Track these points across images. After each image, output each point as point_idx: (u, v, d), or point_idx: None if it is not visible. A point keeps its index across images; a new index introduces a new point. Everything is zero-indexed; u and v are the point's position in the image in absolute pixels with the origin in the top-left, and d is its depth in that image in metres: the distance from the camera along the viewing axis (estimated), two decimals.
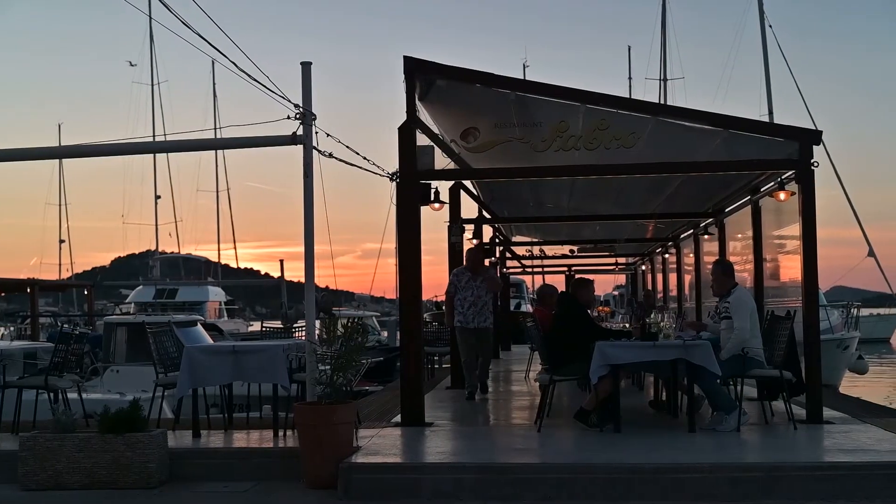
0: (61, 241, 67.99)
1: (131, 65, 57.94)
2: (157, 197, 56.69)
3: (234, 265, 68.21)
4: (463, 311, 12.29)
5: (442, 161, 10.99)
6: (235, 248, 62.52)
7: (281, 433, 8.93)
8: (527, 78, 22.45)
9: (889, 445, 7.95)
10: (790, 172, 10.15)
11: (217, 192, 61.49)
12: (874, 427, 8.96)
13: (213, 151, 57.44)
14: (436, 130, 10.85)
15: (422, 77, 9.92)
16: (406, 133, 9.64)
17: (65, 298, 62.04)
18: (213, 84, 61.77)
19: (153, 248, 58.32)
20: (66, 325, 19.41)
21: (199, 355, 9.08)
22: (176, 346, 9.79)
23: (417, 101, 9.90)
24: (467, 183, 14.82)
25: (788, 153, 9.81)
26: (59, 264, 66.56)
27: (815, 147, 9.60)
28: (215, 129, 51.08)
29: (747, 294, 10.06)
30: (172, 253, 59.48)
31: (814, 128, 10.52)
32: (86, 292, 39.37)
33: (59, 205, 68.45)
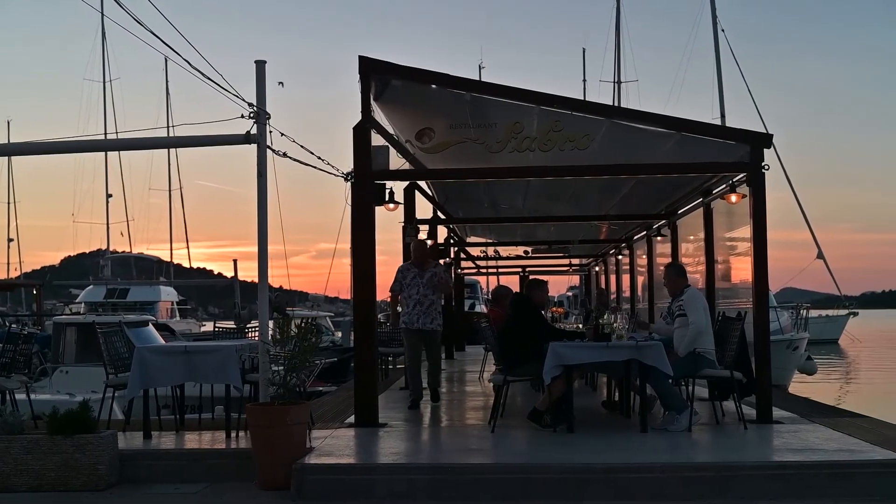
0: (10, 240, 67.15)
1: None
2: (109, 195, 56.11)
3: (186, 265, 67.65)
4: (407, 310, 11.39)
5: (397, 161, 10.98)
6: (188, 247, 62.03)
7: (233, 434, 8.87)
8: (482, 79, 22.50)
9: (836, 445, 8.06)
10: (741, 175, 10.27)
11: (170, 190, 61.00)
12: (822, 427, 9.09)
13: (166, 150, 56.99)
14: (391, 131, 10.84)
15: (377, 77, 9.90)
16: (361, 133, 9.62)
17: (13, 298, 61.08)
18: (166, 82, 61.24)
19: (104, 247, 57.71)
20: (14, 325, 19.15)
21: (151, 356, 9.00)
22: (127, 347, 9.69)
23: (373, 102, 9.88)
24: (422, 183, 14.83)
25: (740, 156, 9.93)
26: (8, 263, 65.78)
27: (765, 150, 9.72)
28: (168, 127, 50.44)
29: (699, 293, 10.20)
30: (124, 252, 58.87)
31: (765, 131, 10.64)
32: (34, 292, 38.86)
33: (9, 203, 67.59)
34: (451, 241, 22.11)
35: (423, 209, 16.85)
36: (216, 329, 12.40)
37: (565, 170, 10.52)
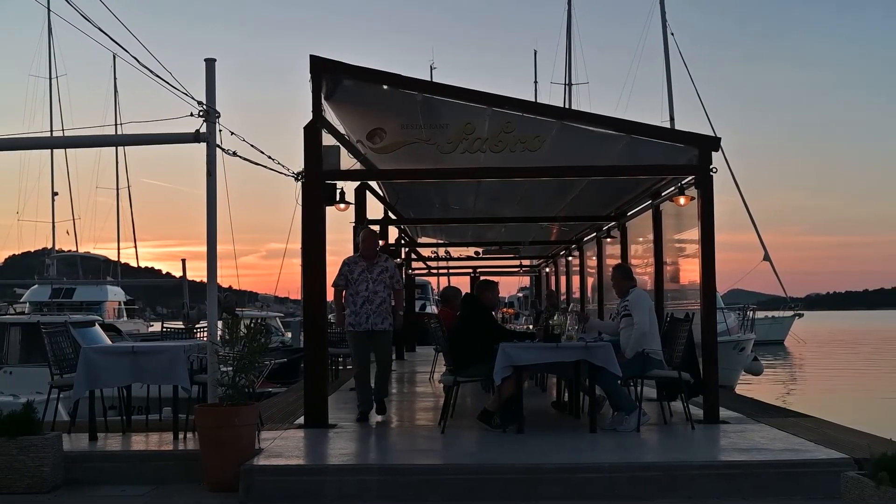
0: None
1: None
2: (55, 194, 55.29)
3: (134, 264, 66.96)
4: (355, 308, 10.17)
5: (348, 161, 10.94)
6: (136, 246, 61.34)
7: (181, 436, 8.78)
8: (434, 80, 22.51)
9: (782, 445, 8.17)
10: (690, 178, 10.36)
11: (117, 189, 60.27)
12: (768, 427, 9.20)
13: (114, 148, 56.31)
14: (342, 130, 10.80)
15: (328, 77, 9.86)
16: (312, 133, 9.57)
17: None
18: (115, 79, 60.44)
19: (49, 245, 56.83)
20: None
21: (97, 356, 8.88)
22: (72, 347, 9.55)
23: (324, 101, 9.84)
24: (373, 184, 14.80)
25: (688, 159, 10.02)
26: None
27: (713, 153, 9.82)
28: (116, 124, 49.82)
29: (645, 293, 10.26)
30: (70, 251, 58.09)
31: (713, 134, 10.75)
32: None
33: None
34: (402, 241, 22.09)
35: (374, 209, 16.83)
36: (164, 329, 12.22)
37: (516, 171, 10.56)
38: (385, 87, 10.17)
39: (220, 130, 8.65)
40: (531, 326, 15.24)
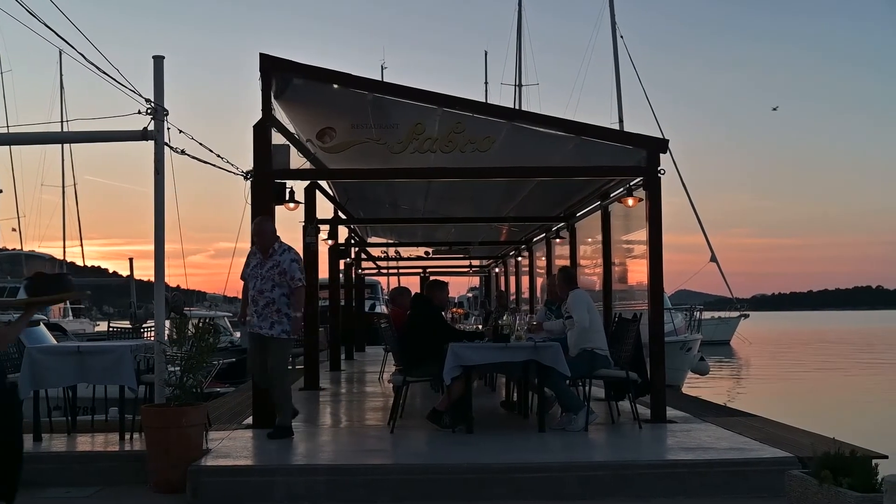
0: None
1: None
2: None
3: (80, 263, 66.14)
4: (249, 308, 9.04)
5: (298, 160, 10.91)
6: (82, 245, 60.65)
7: (128, 436, 8.70)
8: (385, 79, 22.51)
9: (727, 444, 8.27)
10: (638, 179, 10.46)
11: (63, 187, 59.51)
12: (714, 426, 9.32)
13: (59, 145, 55.55)
14: (292, 129, 10.75)
15: (278, 75, 9.81)
16: (261, 132, 9.52)
17: None
18: (61, 75, 59.58)
19: None
20: None
21: (41, 356, 8.76)
22: (16, 347, 9.40)
23: (273, 100, 9.79)
24: (323, 183, 14.74)
25: (637, 160, 10.11)
26: None
27: (661, 155, 9.92)
28: (62, 121, 49.16)
29: (582, 293, 10.22)
30: (15, 250, 57.20)
31: (661, 137, 10.86)
32: None
33: None
34: (353, 241, 22.04)
35: (324, 209, 16.74)
36: (111, 329, 12.06)
37: (466, 171, 10.58)
38: (335, 86, 10.14)
39: (169, 128, 8.59)
40: (480, 326, 15.26)
